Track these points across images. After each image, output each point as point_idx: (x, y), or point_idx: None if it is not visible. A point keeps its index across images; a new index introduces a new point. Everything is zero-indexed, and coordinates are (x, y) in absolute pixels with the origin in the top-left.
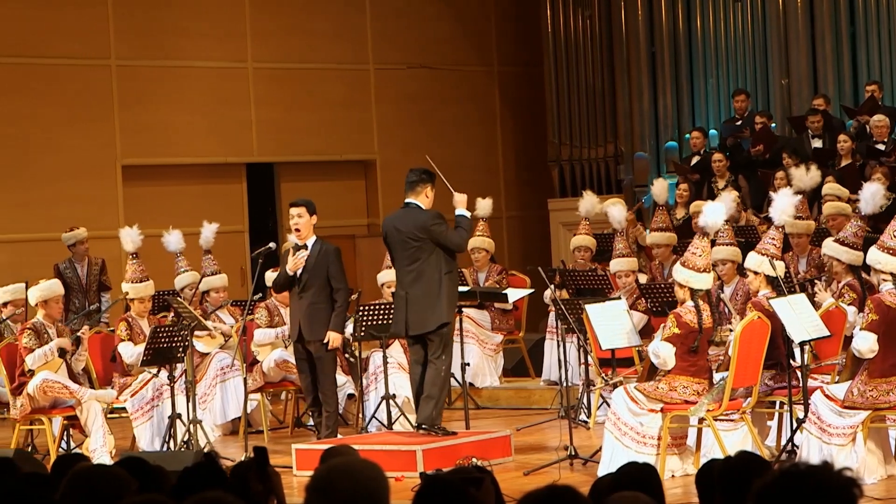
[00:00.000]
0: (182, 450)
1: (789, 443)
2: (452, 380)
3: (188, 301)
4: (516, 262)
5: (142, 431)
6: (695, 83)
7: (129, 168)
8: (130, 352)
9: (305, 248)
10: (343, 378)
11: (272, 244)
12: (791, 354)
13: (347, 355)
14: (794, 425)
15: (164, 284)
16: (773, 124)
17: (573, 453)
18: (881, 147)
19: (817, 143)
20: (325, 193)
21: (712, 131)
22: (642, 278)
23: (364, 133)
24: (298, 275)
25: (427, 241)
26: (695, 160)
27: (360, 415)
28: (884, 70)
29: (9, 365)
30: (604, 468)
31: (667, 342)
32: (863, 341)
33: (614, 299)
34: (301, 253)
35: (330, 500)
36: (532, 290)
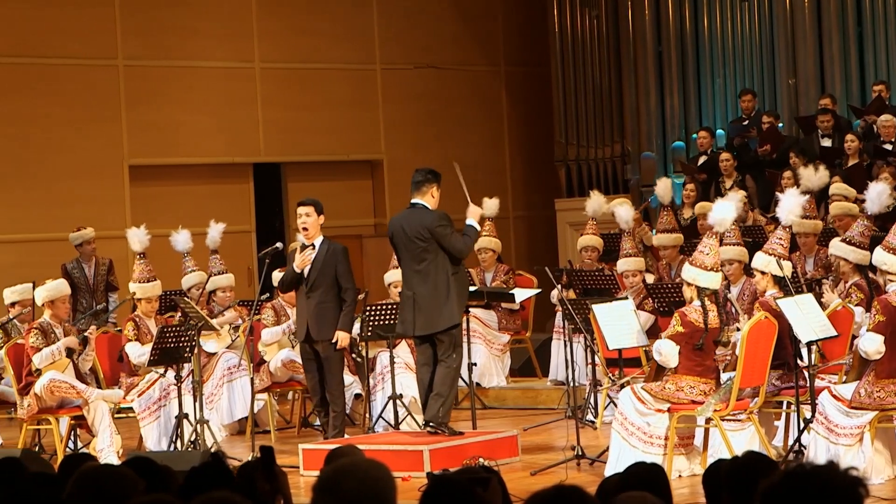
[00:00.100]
0: (189, 450)
1: (796, 443)
2: (459, 380)
3: (195, 301)
4: (523, 262)
5: (149, 431)
6: (702, 83)
7: (136, 168)
8: (137, 352)
9: (313, 247)
10: (350, 378)
11: (279, 244)
12: (798, 354)
13: (354, 355)
14: (802, 425)
15: (171, 284)
16: (781, 124)
17: (580, 453)
18: (888, 147)
19: (827, 143)
20: (332, 193)
21: (719, 131)
22: (649, 278)
23: (371, 133)
24: (306, 274)
25: (433, 242)
26: (702, 160)
27: (366, 415)
28: (891, 70)
29: (16, 365)
30: (611, 468)
31: (670, 340)
32: (869, 343)
33: (621, 299)
34: (308, 251)
35: (337, 499)
36: (539, 290)
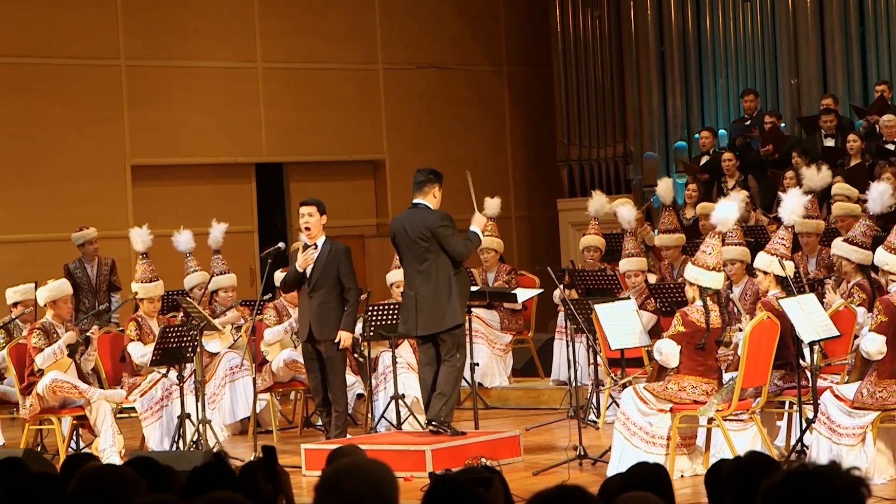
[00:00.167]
0: (191, 450)
1: (799, 443)
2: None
3: (197, 301)
4: (525, 262)
5: (151, 431)
6: (704, 83)
7: (138, 168)
8: (140, 352)
9: (315, 247)
10: (352, 378)
11: (281, 244)
12: (801, 354)
13: (356, 355)
14: (804, 425)
15: (173, 284)
16: (783, 124)
17: (582, 453)
18: (891, 147)
19: (830, 143)
20: (335, 193)
21: (721, 131)
22: (651, 278)
23: (373, 133)
24: (308, 274)
25: (435, 242)
26: (704, 160)
27: (369, 415)
28: (893, 70)
29: (18, 365)
30: (613, 468)
31: (670, 340)
32: (871, 343)
33: (623, 299)
34: (311, 250)
35: (339, 500)
36: (541, 290)
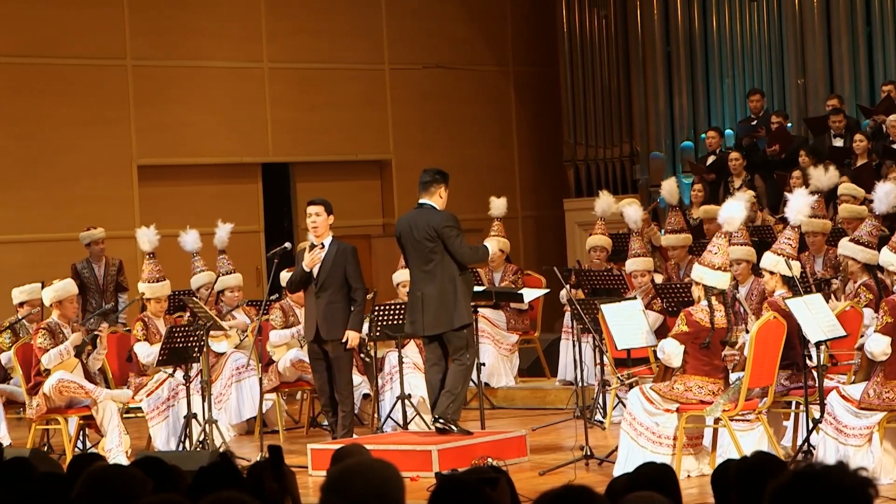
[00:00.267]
0: (198, 449)
1: (805, 443)
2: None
3: (204, 301)
4: (532, 261)
5: (157, 431)
6: (710, 83)
7: (144, 168)
8: (146, 351)
9: (322, 247)
10: (358, 378)
11: (287, 244)
12: (807, 354)
13: (363, 355)
14: (811, 426)
15: (179, 284)
16: (789, 124)
17: (589, 453)
18: None
19: (839, 143)
20: (341, 193)
21: (728, 131)
22: (658, 278)
23: (380, 133)
24: (315, 274)
25: (441, 243)
26: (710, 160)
27: (375, 414)
28: None
29: (25, 365)
30: (619, 468)
31: (674, 339)
32: (876, 344)
33: (630, 299)
34: (317, 250)
35: (345, 500)
36: (548, 290)
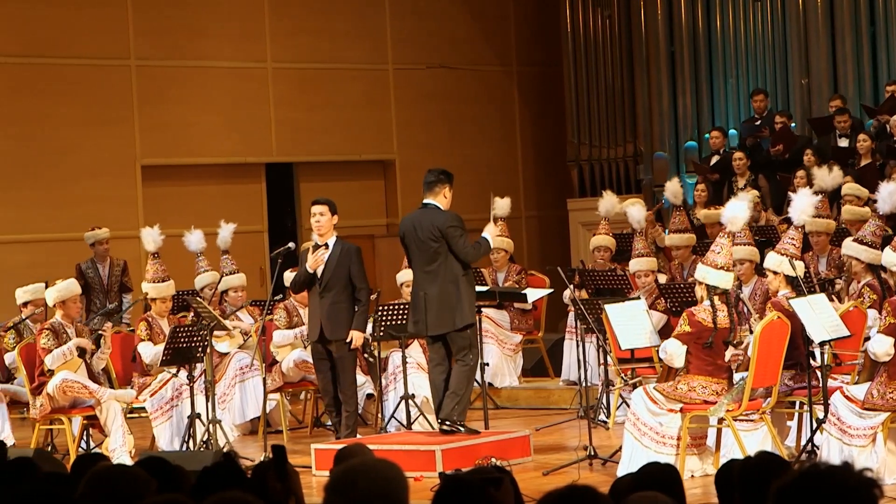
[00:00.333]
0: (201, 449)
1: (809, 443)
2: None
3: (208, 301)
4: (535, 261)
5: (161, 431)
6: (714, 83)
7: (148, 168)
8: (150, 351)
9: (326, 247)
10: (362, 378)
11: (291, 244)
12: (811, 354)
13: (367, 355)
14: (814, 426)
15: (183, 284)
16: (793, 124)
17: (592, 453)
18: None
19: (844, 143)
20: (344, 193)
21: (732, 131)
22: (661, 278)
23: (383, 133)
24: (319, 274)
25: (445, 243)
26: (714, 160)
27: (379, 415)
28: None
29: (28, 365)
30: (623, 468)
31: (676, 339)
32: (878, 345)
33: (633, 299)
34: (321, 251)
35: (349, 500)
36: (551, 290)
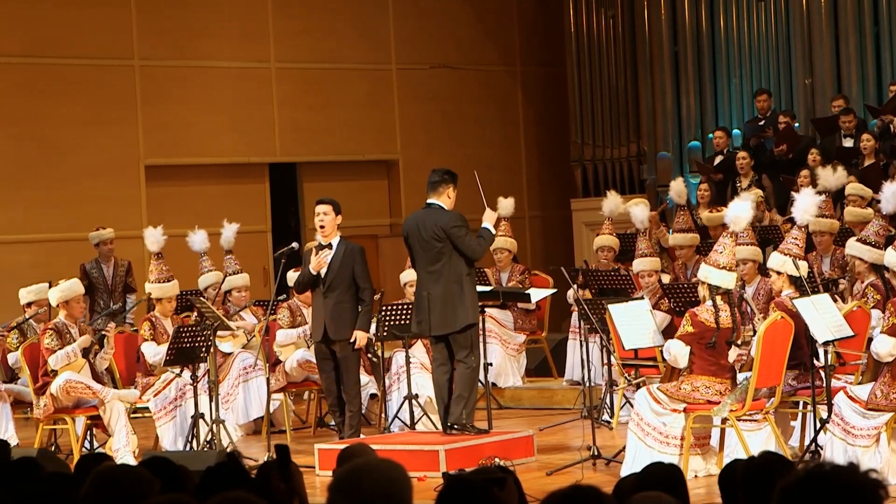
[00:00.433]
0: (205, 449)
1: (813, 443)
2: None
3: (211, 301)
4: (539, 261)
5: (165, 431)
6: (718, 83)
7: (151, 168)
8: (154, 351)
9: (330, 247)
10: (366, 378)
11: (295, 244)
12: (815, 354)
13: (370, 355)
14: (818, 426)
15: (186, 285)
16: (797, 124)
17: (596, 453)
18: None
19: (849, 143)
20: (348, 193)
21: (735, 131)
22: (665, 278)
23: (386, 133)
24: (323, 274)
25: (449, 243)
26: (718, 160)
27: (382, 414)
28: None
29: (32, 365)
30: (627, 468)
31: (679, 340)
32: (882, 345)
33: (637, 299)
34: (325, 252)
35: (352, 499)
36: (555, 290)
